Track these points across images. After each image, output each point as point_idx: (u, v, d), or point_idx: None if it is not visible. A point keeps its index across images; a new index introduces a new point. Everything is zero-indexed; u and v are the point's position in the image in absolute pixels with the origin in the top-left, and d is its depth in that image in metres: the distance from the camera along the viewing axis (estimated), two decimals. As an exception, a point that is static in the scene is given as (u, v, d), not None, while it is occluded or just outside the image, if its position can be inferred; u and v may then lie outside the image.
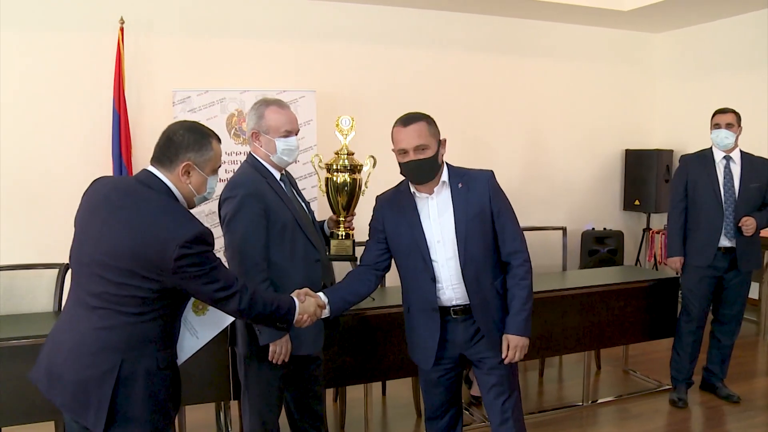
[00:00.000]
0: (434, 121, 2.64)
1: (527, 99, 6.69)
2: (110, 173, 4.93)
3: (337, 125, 2.92)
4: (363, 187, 2.92)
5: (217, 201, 2.78)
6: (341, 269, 3.78)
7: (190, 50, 5.41)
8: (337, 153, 2.90)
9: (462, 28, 6.43)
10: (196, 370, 3.18)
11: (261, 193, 2.66)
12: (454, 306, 2.67)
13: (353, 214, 2.94)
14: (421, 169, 2.58)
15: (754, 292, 5.87)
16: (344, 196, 2.85)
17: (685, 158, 4.35)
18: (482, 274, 2.64)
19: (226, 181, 2.79)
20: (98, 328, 2.02)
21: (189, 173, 2.13)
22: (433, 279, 2.63)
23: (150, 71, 5.28)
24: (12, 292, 3.55)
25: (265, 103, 2.79)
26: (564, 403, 4.36)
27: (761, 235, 4.43)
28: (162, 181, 2.12)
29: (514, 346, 2.64)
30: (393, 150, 2.65)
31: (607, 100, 7.14)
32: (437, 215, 2.64)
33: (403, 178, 2.71)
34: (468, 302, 2.65)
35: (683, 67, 7.17)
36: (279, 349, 2.65)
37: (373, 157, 2.93)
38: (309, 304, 2.46)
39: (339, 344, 3.16)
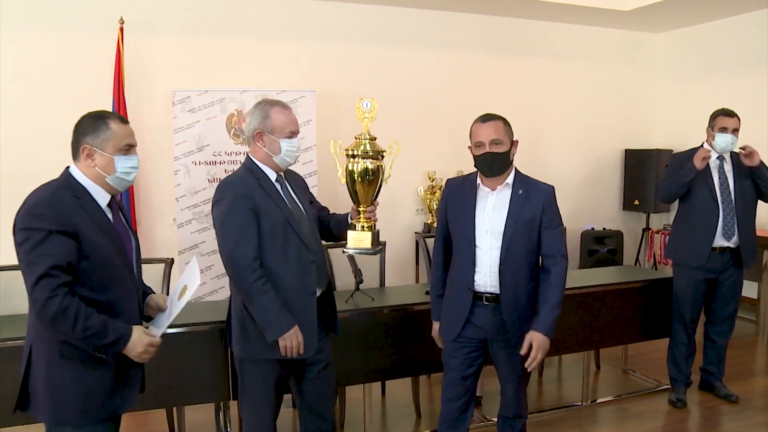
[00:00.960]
0: (509, 124, 2.88)
1: (527, 99, 6.69)
2: (110, 173, 4.94)
3: (358, 108, 2.83)
4: (386, 175, 2.85)
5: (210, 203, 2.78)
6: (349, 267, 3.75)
7: (190, 50, 5.42)
8: (357, 138, 2.81)
9: (462, 29, 6.43)
10: (195, 370, 3.21)
11: (249, 195, 2.65)
12: (486, 293, 2.84)
13: (375, 204, 2.90)
14: (494, 161, 2.78)
15: (752, 291, 5.88)
16: (365, 185, 2.79)
17: (680, 157, 4.28)
18: (518, 273, 2.82)
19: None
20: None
21: (92, 156, 2.19)
22: (474, 263, 2.83)
23: (149, 71, 5.29)
24: (13, 293, 3.55)
25: (269, 104, 2.77)
26: (563, 403, 4.36)
27: (761, 234, 4.44)
28: (67, 170, 2.23)
29: (537, 345, 2.75)
30: (469, 147, 2.87)
31: (607, 100, 7.14)
32: (492, 209, 2.84)
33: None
34: (499, 292, 2.82)
35: (683, 67, 7.17)
36: (289, 343, 2.65)
37: (396, 142, 2.84)
38: (138, 339, 2.20)
39: (338, 345, 3.16)
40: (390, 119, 6.00)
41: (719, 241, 4.10)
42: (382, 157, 2.82)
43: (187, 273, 2.47)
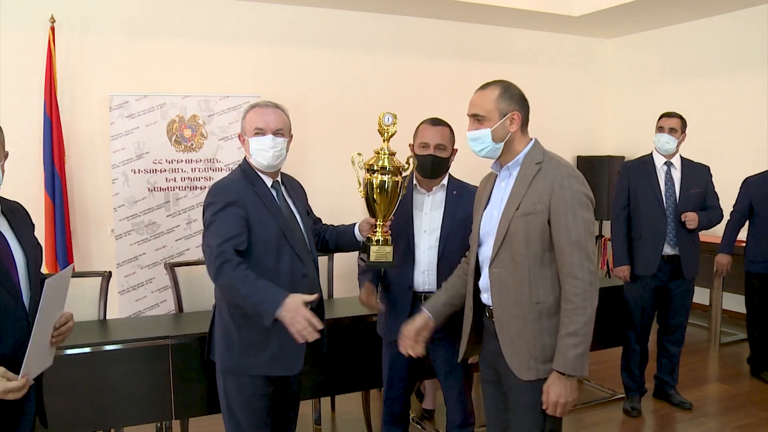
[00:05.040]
0: (454, 132, 2.96)
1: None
2: (41, 182, 4.70)
3: (380, 123, 2.73)
4: (402, 190, 2.78)
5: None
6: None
7: (128, 52, 5.19)
8: (377, 152, 2.72)
9: (411, 33, 6.35)
10: (135, 388, 3.04)
11: (243, 202, 2.50)
12: (425, 292, 2.90)
13: (391, 219, 2.82)
14: (435, 165, 2.90)
15: (704, 298, 5.91)
16: (384, 199, 2.72)
17: (627, 165, 4.33)
18: (454, 268, 2.79)
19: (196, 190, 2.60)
20: None
21: None
22: (413, 262, 2.93)
23: (84, 74, 5.05)
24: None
25: (251, 105, 2.66)
26: (518, 415, 4.27)
27: (705, 241, 4.42)
28: None
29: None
30: (410, 145, 2.97)
31: (559, 106, 7.14)
32: (429, 210, 2.97)
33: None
34: (435, 290, 2.86)
35: (635, 72, 7.23)
36: (297, 318, 2.28)
37: (414, 156, 2.81)
38: None
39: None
40: (338, 123, 5.90)
41: (666, 250, 4.09)
42: (401, 172, 2.74)
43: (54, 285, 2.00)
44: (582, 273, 2.12)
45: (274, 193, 2.64)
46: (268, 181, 2.64)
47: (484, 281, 2.37)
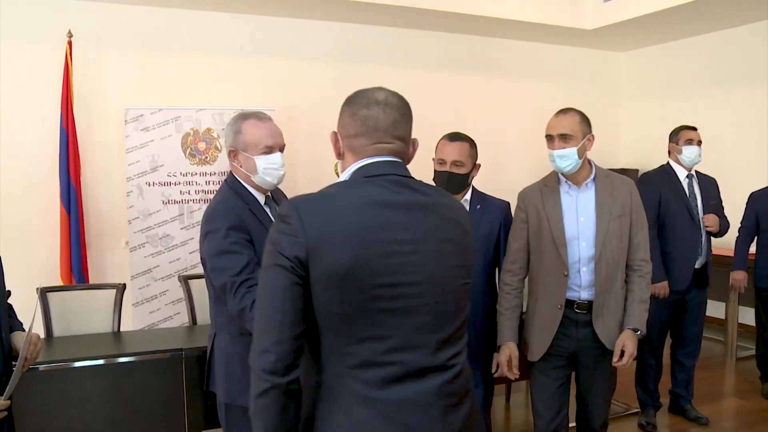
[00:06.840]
0: (475, 145, 3.01)
1: (490, 117, 6.63)
2: (57, 194, 4.73)
3: None
4: None
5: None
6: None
7: (143, 66, 5.24)
8: None
9: (425, 46, 6.36)
10: (148, 400, 3.04)
11: (244, 226, 2.35)
12: None
13: None
14: (451, 181, 2.91)
15: (720, 312, 5.85)
16: None
17: (651, 176, 4.21)
18: (474, 288, 2.76)
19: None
20: None
21: None
22: None
23: (100, 87, 5.10)
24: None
25: (242, 117, 2.48)
26: (531, 429, 4.23)
27: (718, 254, 4.38)
28: None
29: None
30: (433, 159, 3.01)
31: (571, 119, 7.11)
32: None
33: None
34: None
35: (648, 85, 7.21)
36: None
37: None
38: None
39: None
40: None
41: (696, 263, 4.07)
42: None
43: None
44: (649, 256, 2.83)
45: (268, 210, 2.51)
46: (261, 198, 2.50)
47: (585, 278, 2.75)
